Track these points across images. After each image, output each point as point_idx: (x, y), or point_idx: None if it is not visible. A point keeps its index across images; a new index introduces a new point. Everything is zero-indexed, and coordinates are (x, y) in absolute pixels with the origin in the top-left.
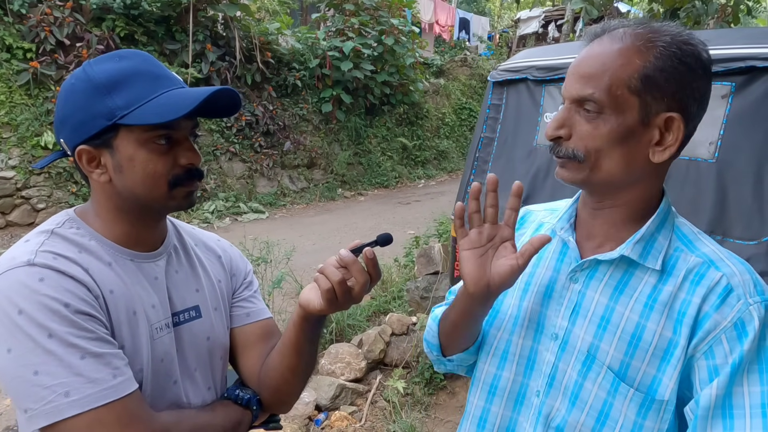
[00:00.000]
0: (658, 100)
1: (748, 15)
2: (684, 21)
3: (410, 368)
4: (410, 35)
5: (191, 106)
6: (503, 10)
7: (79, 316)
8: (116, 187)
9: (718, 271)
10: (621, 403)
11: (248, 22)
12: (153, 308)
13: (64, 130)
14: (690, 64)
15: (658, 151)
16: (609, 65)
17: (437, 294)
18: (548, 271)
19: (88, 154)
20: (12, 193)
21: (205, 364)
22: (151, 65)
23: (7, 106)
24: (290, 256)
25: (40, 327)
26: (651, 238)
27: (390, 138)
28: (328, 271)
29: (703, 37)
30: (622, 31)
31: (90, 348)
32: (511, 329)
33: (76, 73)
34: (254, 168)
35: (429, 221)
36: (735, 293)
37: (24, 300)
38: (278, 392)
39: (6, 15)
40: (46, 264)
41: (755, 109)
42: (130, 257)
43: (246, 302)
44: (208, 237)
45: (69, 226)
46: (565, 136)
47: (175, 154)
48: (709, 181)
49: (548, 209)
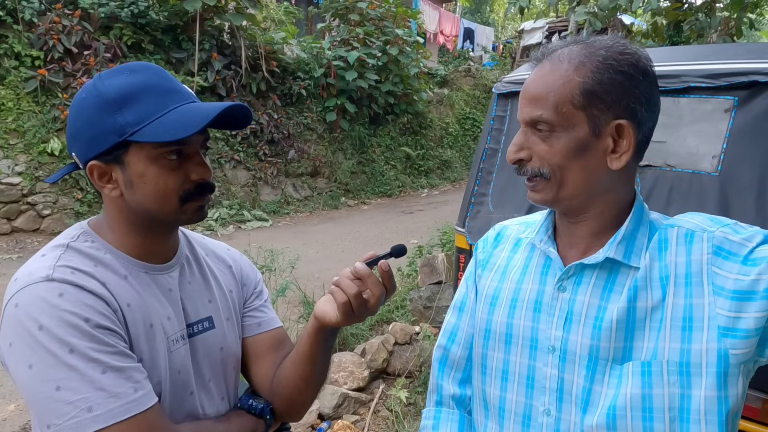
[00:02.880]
0: (604, 111)
1: (751, 28)
2: (687, 34)
3: (413, 378)
4: (415, 45)
5: (202, 124)
6: (507, 20)
7: (100, 331)
8: (128, 202)
9: (673, 227)
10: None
11: (254, 31)
12: (168, 320)
13: (76, 144)
14: (627, 72)
15: (614, 158)
16: (552, 86)
17: (440, 303)
18: (534, 285)
19: (99, 170)
20: (18, 199)
21: (219, 374)
22: (163, 79)
23: (14, 113)
24: (294, 264)
25: (61, 342)
26: (631, 237)
27: (394, 147)
28: (344, 284)
29: (706, 51)
30: (559, 52)
31: (111, 362)
32: (505, 348)
33: (88, 87)
34: (258, 176)
35: (432, 231)
36: (696, 234)
37: (44, 316)
38: (291, 401)
39: (16, 23)
40: (65, 279)
41: (758, 123)
42: (145, 269)
43: (257, 312)
44: (217, 246)
45: (84, 239)
46: (526, 158)
47: (186, 170)
48: (712, 194)
49: (522, 223)
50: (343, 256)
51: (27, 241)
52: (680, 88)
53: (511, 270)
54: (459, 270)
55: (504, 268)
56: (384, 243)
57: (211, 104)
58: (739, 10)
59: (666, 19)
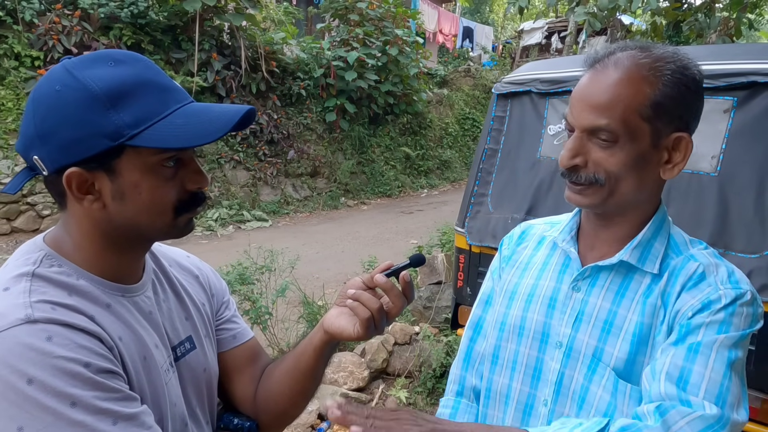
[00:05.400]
0: (667, 124)
1: (750, 29)
2: (687, 34)
3: (413, 378)
4: (414, 46)
5: (223, 131)
6: (506, 20)
7: (102, 376)
8: (111, 215)
9: (696, 261)
10: (622, 402)
11: (254, 31)
12: (157, 348)
13: (43, 147)
14: (692, 88)
15: (668, 169)
16: (621, 96)
17: (440, 304)
18: (551, 282)
19: (79, 178)
20: (17, 200)
21: (203, 398)
22: (156, 73)
23: (14, 113)
24: (294, 264)
25: (59, 396)
26: (648, 244)
27: (393, 147)
28: (365, 299)
29: (706, 52)
30: (625, 58)
31: (120, 410)
32: (517, 340)
33: (60, 77)
34: (258, 176)
35: (432, 231)
36: (707, 280)
37: (33, 366)
38: (284, 416)
39: (16, 23)
40: (49, 318)
41: (757, 123)
42: (121, 293)
43: (229, 323)
44: (178, 255)
45: (48, 264)
46: (582, 164)
47: (183, 178)
48: (711, 194)
49: (548, 222)
50: (342, 257)
51: (26, 241)
52: None
53: (531, 266)
54: (459, 270)
55: (525, 265)
56: (384, 243)
57: (220, 107)
58: (739, 10)
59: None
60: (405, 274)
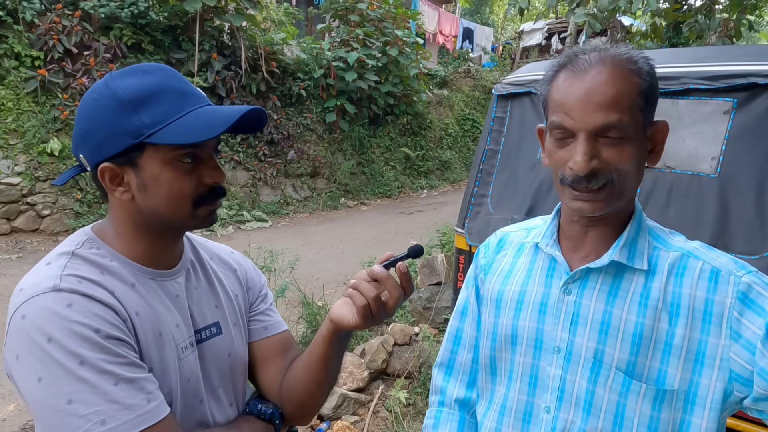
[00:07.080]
0: (651, 112)
1: (750, 30)
2: (687, 35)
3: (412, 378)
4: (414, 46)
5: (224, 127)
6: (506, 21)
7: (110, 341)
8: (138, 206)
9: (698, 260)
10: (634, 401)
11: (254, 32)
12: (177, 327)
13: (85, 146)
14: (655, 77)
15: (652, 157)
16: (622, 89)
17: (440, 304)
18: (540, 288)
19: (111, 172)
20: (17, 200)
21: (227, 380)
22: (177, 81)
23: (14, 113)
24: (294, 265)
25: (71, 354)
26: (633, 242)
27: (393, 148)
28: (363, 288)
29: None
30: (604, 56)
31: (123, 374)
32: (512, 349)
33: (99, 88)
34: (258, 177)
35: (432, 231)
36: (723, 273)
37: (53, 327)
38: (303, 405)
39: (16, 23)
40: (73, 288)
41: (757, 125)
42: (151, 276)
43: (263, 315)
44: (221, 250)
45: (89, 246)
46: (600, 167)
47: (200, 173)
48: (711, 195)
49: (524, 229)
50: (342, 257)
51: (26, 241)
52: (679, 90)
53: (515, 273)
54: (459, 271)
55: (508, 272)
56: (384, 244)
57: (229, 108)
58: (738, 11)
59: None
60: (401, 265)
